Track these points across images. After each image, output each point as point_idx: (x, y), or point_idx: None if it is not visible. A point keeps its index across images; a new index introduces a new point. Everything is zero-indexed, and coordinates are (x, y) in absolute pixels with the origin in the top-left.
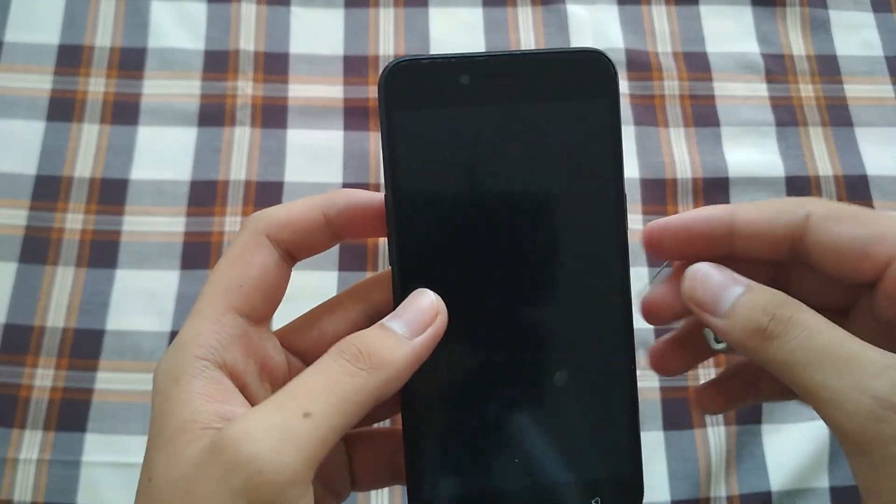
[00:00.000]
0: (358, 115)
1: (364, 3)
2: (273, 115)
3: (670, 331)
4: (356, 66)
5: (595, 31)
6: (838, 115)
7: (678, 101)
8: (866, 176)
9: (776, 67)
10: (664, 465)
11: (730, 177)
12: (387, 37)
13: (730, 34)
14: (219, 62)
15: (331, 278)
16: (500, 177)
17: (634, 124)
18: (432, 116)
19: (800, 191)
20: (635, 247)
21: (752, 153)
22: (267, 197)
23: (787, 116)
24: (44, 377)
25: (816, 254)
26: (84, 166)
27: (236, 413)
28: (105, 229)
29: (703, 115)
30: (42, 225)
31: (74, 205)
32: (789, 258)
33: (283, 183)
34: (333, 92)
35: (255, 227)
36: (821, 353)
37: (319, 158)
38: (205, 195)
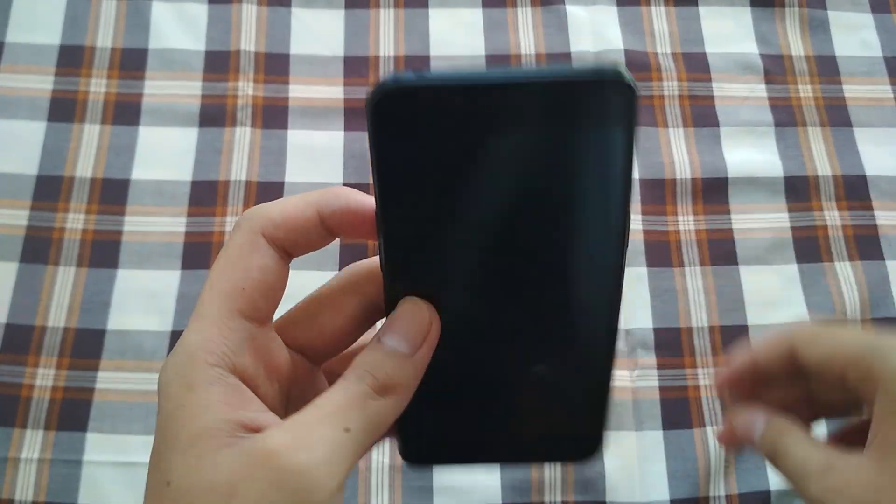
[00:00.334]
0: (358, 116)
1: (364, 4)
2: (274, 116)
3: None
4: (356, 67)
5: (594, 32)
6: (837, 116)
7: (677, 101)
8: (865, 176)
9: (775, 68)
10: (663, 465)
11: (729, 177)
12: (387, 37)
13: (729, 35)
14: (219, 63)
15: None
16: (497, 204)
17: None
18: (424, 142)
19: (799, 191)
20: (636, 247)
21: (751, 153)
22: (268, 197)
23: (786, 117)
24: (45, 377)
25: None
26: (85, 166)
27: (258, 419)
28: (106, 229)
29: (702, 115)
30: (43, 225)
31: (75, 205)
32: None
33: (283, 183)
34: (334, 92)
35: (251, 226)
36: (801, 467)
37: (320, 159)
38: (205, 195)
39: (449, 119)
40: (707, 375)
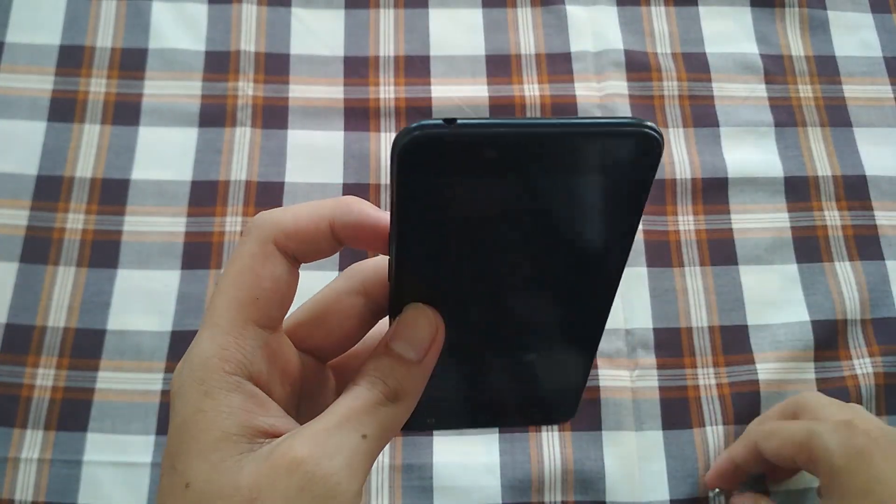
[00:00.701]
0: (358, 116)
1: (364, 4)
2: (273, 116)
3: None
4: (356, 67)
5: (594, 32)
6: (837, 116)
7: (677, 101)
8: (865, 176)
9: (775, 68)
10: (663, 465)
11: (729, 177)
12: (387, 37)
13: (729, 35)
14: (219, 63)
15: (332, 279)
16: (513, 240)
17: None
18: (447, 187)
19: (799, 191)
20: (636, 247)
21: (751, 153)
22: (267, 197)
23: (785, 117)
24: (45, 377)
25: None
26: (85, 166)
27: (277, 425)
28: (106, 229)
29: (702, 115)
30: (43, 225)
31: (75, 205)
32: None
33: (283, 183)
34: (334, 92)
35: (262, 235)
36: None
37: (320, 159)
38: (205, 195)
39: (474, 168)
40: (707, 375)
